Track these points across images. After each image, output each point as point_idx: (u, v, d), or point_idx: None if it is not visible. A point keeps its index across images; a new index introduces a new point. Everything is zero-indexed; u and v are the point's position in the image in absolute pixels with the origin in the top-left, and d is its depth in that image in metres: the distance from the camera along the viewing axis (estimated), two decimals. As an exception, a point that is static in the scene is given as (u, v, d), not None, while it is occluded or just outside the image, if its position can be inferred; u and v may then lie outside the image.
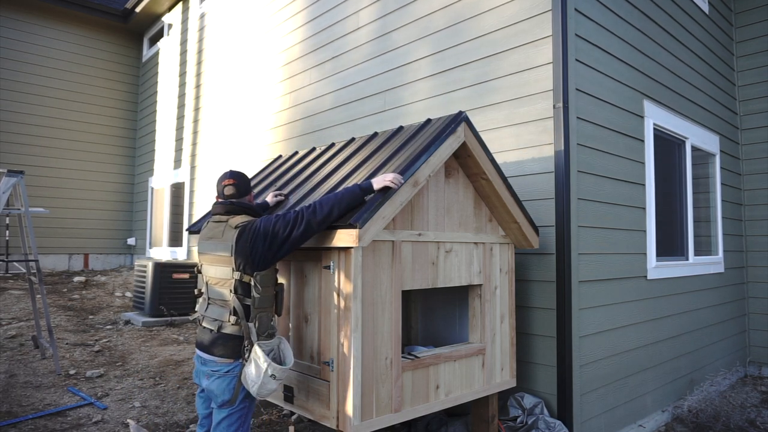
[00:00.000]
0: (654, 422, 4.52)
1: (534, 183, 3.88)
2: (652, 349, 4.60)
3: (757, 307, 6.42)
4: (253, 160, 7.31)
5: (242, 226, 2.59)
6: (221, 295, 2.62)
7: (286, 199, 3.35)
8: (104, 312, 7.82)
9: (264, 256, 2.54)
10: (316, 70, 6.22)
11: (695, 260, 5.43)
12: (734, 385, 5.84)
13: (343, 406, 2.57)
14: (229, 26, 8.36)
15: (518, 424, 3.57)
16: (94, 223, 11.33)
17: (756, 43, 6.55)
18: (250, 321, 2.55)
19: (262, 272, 2.56)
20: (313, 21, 6.35)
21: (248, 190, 2.83)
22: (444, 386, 3.03)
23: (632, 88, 4.54)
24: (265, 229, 2.55)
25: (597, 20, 4.12)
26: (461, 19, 4.55)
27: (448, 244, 3.10)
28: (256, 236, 2.53)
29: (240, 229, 2.58)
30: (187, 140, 9.44)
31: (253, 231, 2.55)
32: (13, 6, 10.60)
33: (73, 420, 4.11)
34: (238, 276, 2.55)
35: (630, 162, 4.45)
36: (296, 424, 4.15)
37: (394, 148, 3.12)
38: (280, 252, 2.56)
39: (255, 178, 4.23)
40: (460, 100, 4.48)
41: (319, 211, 2.57)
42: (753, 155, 6.54)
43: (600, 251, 4.03)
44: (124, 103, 11.90)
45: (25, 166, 10.49)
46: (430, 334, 3.78)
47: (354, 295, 2.57)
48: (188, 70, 9.66)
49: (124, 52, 11.93)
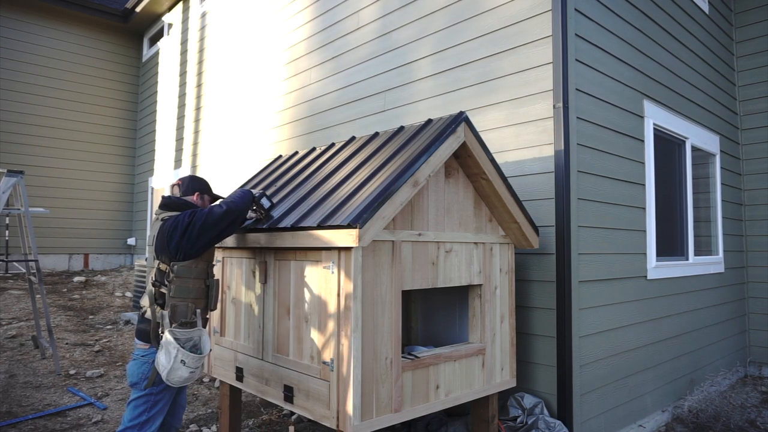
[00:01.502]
0: (654, 422, 4.52)
1: (534, 183, 3.88)
2: (652, 349, 4.60)
3: (757, 307, 6.42)
4: (254, 159, 7.30)
5: (167, 218, 2.79)
6: (146, 283, 2.83)
7: (286, 199, 3.35)
8: (104, 312, 7.82)
9: (179, 246, 2.69)
10: (320, 68, 6.22)
11: (695, 260, 5.43)
12: (734, 385, 5.84)
13: (343, 406, 2.57)
14: (231, 24, 8.34)
15: (518, 424, 3.57)
16: (94, 223, 11.33)
17: (756, 43, 6.55)
18: (165, 308, 2.68)
19: (181, 262, 2.70)
20: (318, 18, 6.35)
21: (193, 190, 3.10)
22: (444, 386, 3.03)
23: (632, 88, 4.54)
24: (183, 220, 2.72)
25: (597, 20, 4.12)
26: (461, 19, 4.55)
27: (448, 244, 3.10)
28: (175, 227, 2.72)
29: (164, 221, 2.78)
30: (188, 140, 9.43)
31: (173, 222, 2.75)
32: (13, 6, 10.60)
33: (73, 420, 4.11)
34: (156, 264, 2.74)
35: (630, 162, 4.45)
36: (296, 424, 4.15)
37: (394, 148, 3.12)
38: (198, 243, 2.71)
39: (255, 178, 4.23)
40: (460, 100, 4.48)
41: (234, 205, 2.81)
42: (753, 155, 6.54)
43: (600, 251, 4.03)
44: (124, 103, 11.90)
45: (25, 166, 10.49)
46: (430, 334, 3.78)
47: (354, 295, 2.57)
48: (189, 70, 9.65)
49: (124, 52, 11.93)
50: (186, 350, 2.60)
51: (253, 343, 3.25)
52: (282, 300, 3.03)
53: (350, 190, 2.88)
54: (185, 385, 2.76)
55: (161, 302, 2.72)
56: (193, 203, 3.06)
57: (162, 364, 2.59)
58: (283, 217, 3.05)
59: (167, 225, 2.76)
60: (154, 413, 2.78)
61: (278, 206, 3.31)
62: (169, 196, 3.01)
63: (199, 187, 3.16)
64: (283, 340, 3.00)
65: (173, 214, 2.85)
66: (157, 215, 2.93)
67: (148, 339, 2.76)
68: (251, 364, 3.24)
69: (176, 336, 2.60)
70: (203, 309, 2.81)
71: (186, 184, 3.12)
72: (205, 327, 2.79)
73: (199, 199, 3.14)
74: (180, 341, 2.60)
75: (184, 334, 2.64)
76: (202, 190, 3.17)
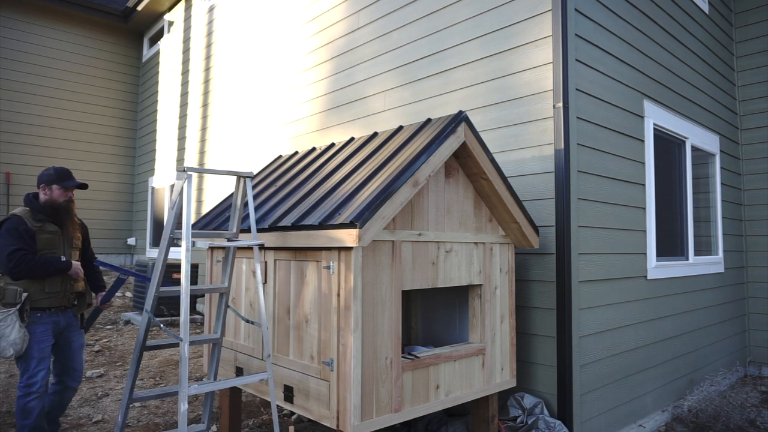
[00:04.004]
0: (654, 422, 4.52)
1: (534, 183, 3.88)
2: (652, 349, 4.60)
3: (757, 307, 6.42)
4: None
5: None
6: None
7: (286, 198, 3.36)
8: (104, 312, 7.82)
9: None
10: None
11: (695, 260, 5.43)
12: (734, 385, 5.84)
13: (343, 406, 2.57)
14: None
15: (518, 424, 3.57)
16: (95, 222, 11.32)
17: (756, 43, 6.55)
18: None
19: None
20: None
21: (40, 182, 3.39)
22: (444, 386, 3.03)
23: (632, 88, 4.54)
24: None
25: (597, 20, 4.12)
26: (461, 19, 4.55)
27: (448, 244, 3.10)
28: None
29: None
30: (192, 138, 9.34)
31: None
32: (13, 6, 10.60)
33: (73, 420, 4.11)
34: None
35: (630, 162, 4.45)
36: (296, 424, 4.15)
37: (394, 147, 3.12)
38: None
39: (255, 178, 4.23)
40: (460, 100, 4.48)
41: (23, 269, 3.17)
42: (753, 155, 6.54)
43: (600, 251, 4.03)
44: (124, 103, 11.90)
45: (25, 166, 10.50)
46: (431, 334, 3.78)
47: (354, 295, 2.57)
48: (193, 68, 9.55)
49: (124, 52, 11.93)
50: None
51: (253, 343, 3.25)
52: (282, 300, 3.03)
53: (350, 189, 2.88)
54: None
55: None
56: (28, 198, 3.42)
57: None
58: (283, 217, 3.05)
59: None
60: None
61: (278, 206, 3.31)
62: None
63: (47, 179, 3.42)
64: (283, 340, 3.01)
65: (12, 212, 3.38)
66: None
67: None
68: (251, 364, 3.24)
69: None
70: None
71: (39, 176, 3.46)
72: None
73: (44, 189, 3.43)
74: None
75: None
76: (46, 182, 3.42)
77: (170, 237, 2.82)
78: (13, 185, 10.42)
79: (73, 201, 3.52)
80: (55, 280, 3.32)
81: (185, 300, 2.60)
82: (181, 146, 9.75)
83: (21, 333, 3.15)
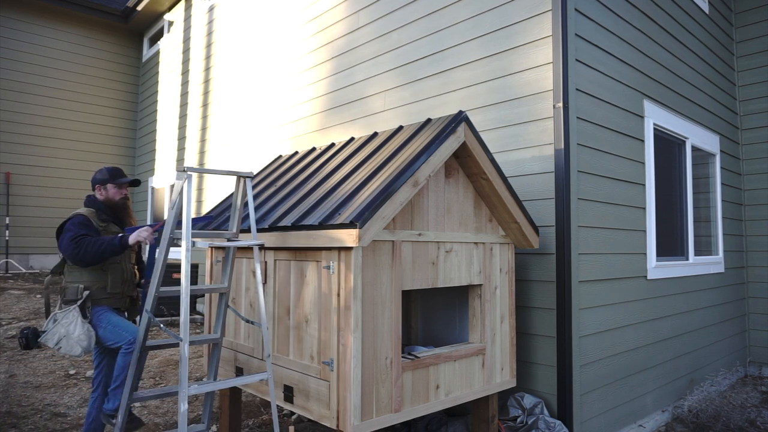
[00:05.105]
0: (654, 422, 4.52)
1: (534, 183, 3.88)
2: (652, 349, 4.60)
3: (757, 307, 6.42)
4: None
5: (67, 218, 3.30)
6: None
7: (286, 199, 3.35)
8: (104, 312, 7.80)
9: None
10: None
11: (695, 260, 5.43)
12: (734, 385, 5.84)
13: (343, 406, 2.57)
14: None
15: (518, 424, 3.57)
16: (94, 223, 11.31)
17: (756, 43, 6.54)
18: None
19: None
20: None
21: (95, 183, 3.44)
22: (444, 386, 3.03)
23: (632, 88, 4.54)
24: (62, 232, 3.22)
25: (597, 20, 4.12)
26: (461, 19, 4.55)
27: (448, 244, 3.10)
28: (61, 231, 3.26)
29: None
30: (192, 138, 9.34)
31: (61, 226, 3.27)
32: (13, 6, 10.60)
33: (73, 420, 4.11)
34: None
35: (630, 162, 4.45)
36: (296, 424, 4.15)
37: (394, 147, 3.12)
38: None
39: (255, 178, 4.23)
40: (460, 100, 4.48)
41: (84, 251, 3.11)
42: (753, 155, 6.54)
43: (600, 251, 4.03)
44: (124, 103, 11.90)
45: (24, 166, 10.50)
46: (431, 334, 3.78)
47: (354, 295, 2.57)
48: (193, 67, 9.55)
49: (124, 52, 11.93)
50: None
51: (253, 343, 3.25)
52: (282, 300, 3.03)
53: (350, 189, 2.88)
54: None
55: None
56: (91, 197, 3.46)
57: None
58: (283, 217, 3.05)
59: (61, 227, 3.31)
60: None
61: (278, 206, 3.31)
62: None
63: (101, 179, 3.46)
64: (282, 340, 3.01)
65: (75, 212, 3.36)
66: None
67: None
68: (251, 364, 3.24)
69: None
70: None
71: (93, 177, 3.50)
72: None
73: (99, 189, 3.46)
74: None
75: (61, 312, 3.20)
76: (100, 182, 3.46)
77: (170, 237, 2.82)
78: (13, 185, 10.42)
79: (128, 198, 3.56)
80: (116, 281, 3.32)
81: (185, 300, 2.60)
82: (181, 146, 9.75)
83: (85, 329, 3.10)
